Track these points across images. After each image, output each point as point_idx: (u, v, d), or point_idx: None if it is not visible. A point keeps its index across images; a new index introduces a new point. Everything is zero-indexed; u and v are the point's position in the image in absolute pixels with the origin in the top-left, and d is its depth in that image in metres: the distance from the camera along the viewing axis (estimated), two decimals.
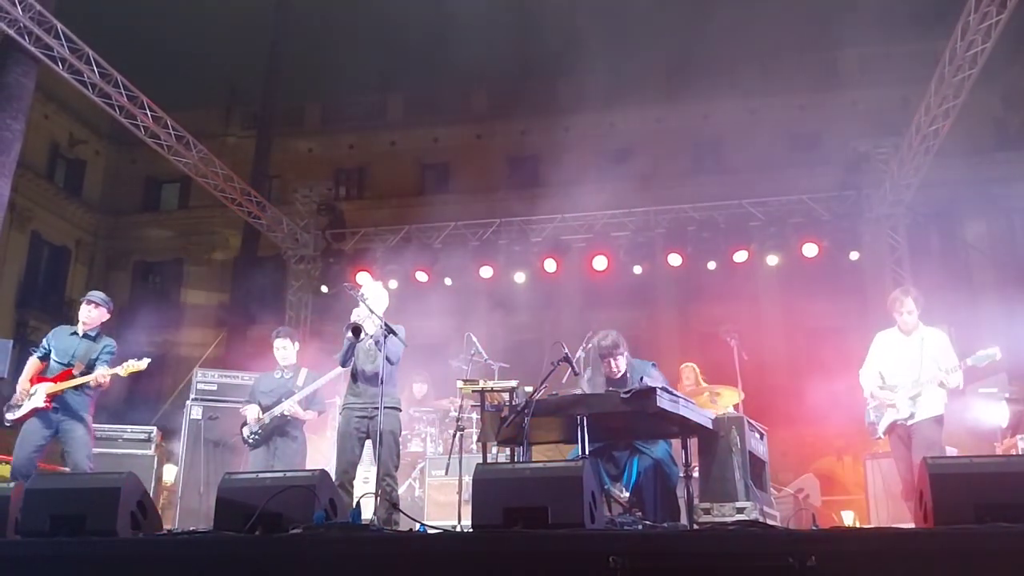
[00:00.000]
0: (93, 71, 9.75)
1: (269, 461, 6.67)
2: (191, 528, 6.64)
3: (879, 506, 7.79)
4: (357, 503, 4.37)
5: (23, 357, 6.66)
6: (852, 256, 11.75)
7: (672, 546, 3.34)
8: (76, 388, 6.22)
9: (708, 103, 21.12)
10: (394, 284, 11.86)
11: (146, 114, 10.54)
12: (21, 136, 11.78)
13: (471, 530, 3.68)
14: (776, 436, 7.24)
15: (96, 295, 6.59)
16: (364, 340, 5.81)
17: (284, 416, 6.74)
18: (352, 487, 5.84)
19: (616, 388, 5.27)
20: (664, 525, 4.72)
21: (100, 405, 6.60)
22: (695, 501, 5.11)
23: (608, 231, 12.37)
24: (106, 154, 24.73)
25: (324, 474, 4.13)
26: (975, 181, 18.50)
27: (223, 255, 23.14)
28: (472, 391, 6.10)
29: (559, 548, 3.26)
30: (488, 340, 7.93)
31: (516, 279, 12.34)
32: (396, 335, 5.75)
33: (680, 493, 5.31)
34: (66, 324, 6.68)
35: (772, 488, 6.44)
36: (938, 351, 5.88)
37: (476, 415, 7.30)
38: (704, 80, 20.81)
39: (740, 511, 4.86)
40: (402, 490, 7.84)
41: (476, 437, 6.63)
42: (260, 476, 4.26)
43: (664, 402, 4.52)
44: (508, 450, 5.67)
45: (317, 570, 3.43)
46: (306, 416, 6.87)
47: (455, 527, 5.83)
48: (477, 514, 3.61)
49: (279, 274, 16.30)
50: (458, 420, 6.98)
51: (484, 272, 12.29)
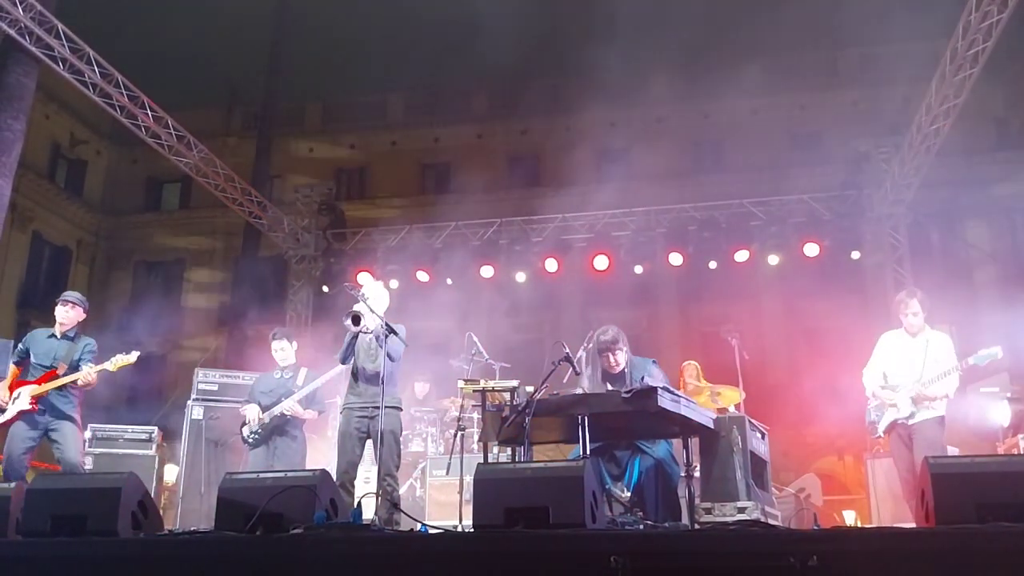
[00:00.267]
0: (94, 71, 9.75)
1: (269, 461, 6.66)
2: (192, 528, 6.64)
3: (881, 506, 7.80)
4: (358, 503, 4.38)
5: None
6: (853, 255, 11.77)
7: (673, 546, 3.33)
8: (60, 389, 6.17)
9: (709, 102, 21.12)
10: (395, 284, 11.87)
11: (147, 114, 10.53)
12: (22, 136, 11.81)
13: (472, 530, 3.68)
14: (777, 436, 7.25)
15: (72, 295, 6.55)
16: (364, 334, 5.82)
17: (284, 416, 6.73)
18: (353, 487, 5.85)
19: (616, 386, 5.27)
20: (665, 525, 4.71)
21: (100, 405, 6.60)
22: (696, 501, 5.10)
23: (609, 231, 12.36)
24: (107, 154, 24.71)
25: (325, 474, 4.12)
26: (976, 180, 18.50)
27: (224, 255, 23.12)
28: (473, 391, 6.11)
29: (560, 548, 3.26)
30: (489, 340, 7.93)
31: (517, 279, 12.34)
32: (396, 335, 5.75)
33: (681, 493, 5.30)
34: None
35: (773, 488, 6.44)
36: (940, 354, 5.88)
37: (477, 415, 7.29)
38: (705, 79, 20.83)
39: (741, 511, 4.85)
40: (403, 490, 7.85)
41: (477, 437, 6.63)
42: (261, 476, 4.25)
43: (665, 402, 4.52)
44: (509, 450, 5.66)
45: (318, 570, 3.43)
46: (306, 415, 6.87)
47: (456, 527, 5.84)
48: (478, 514, 3.61)
49: (280, 274, 16.29)
50: (459, 420, 6.99)
51: (485, 272, 12.29)
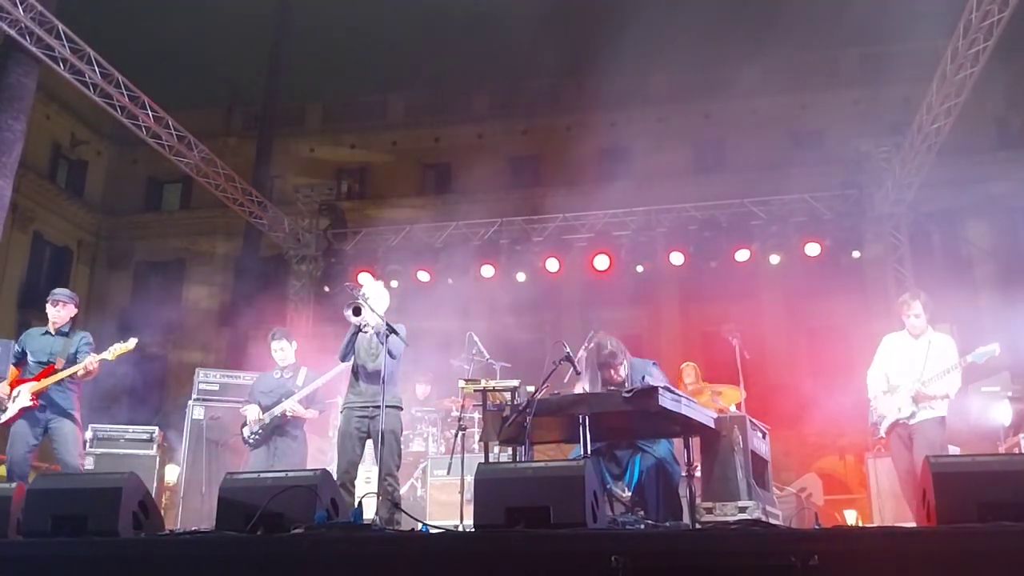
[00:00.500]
0: (94, 71, 9.75)
1: (270, 461, 6.67)
2: (193, 528, 6.64)
3: (882, 505, 7.79)
4: (359, 503, 4.38)
5: None
6: (854, 255, 11.74)
7: (674, 545, 3.33)
8: (59, 384, 6.22)
9: (710, 102, 21.11)
10: (395, 284, 11.87)
11: (147, 114, 10.54)
12: (22, 136, 11.80)
13: (473, 530, 3.68)
14: (778, 435, 7.25)
15: (60, 293, 6.58)
16: (364, 332, 5.82)
17: (284, 416, 6.73)
18: (354, 487, 5.85)
19: (617, 388, 5.26)
20: (666, 524, 4.71)
21: (101, 406, 6.61)
22: (697, 500, 5.09)
23: (610, 230, 12.36)
24: (108, 154, 24.70)
25: (326, 474, 4.12)
26: (977, 180, 18.49)
27: (224, 255, 23.11)
28: (474, 390, 6.12)
29: (561, 548, 3.25)
30: (490, 340, 7.94)
31: (518, 279, 12.33)
32: (397, 334, 5.76)
33: (682, 492, 5.29)
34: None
35: (774, 487, 6.43)
36: (943, 355, 5.88)
37: (478, 415, 7.30)
38: (706, 79, 20.83)
39: (742, 510, 4.84)
40: (404, 490, 7.84)
41: (478, 437, 6.64)
42: (262, 476, 4.25)
43: (666, 401, 4.51)
44: (510, 450, 5.66)
45: (319, 570, 3.43)
46: (307, 415, 6.87)
47: (457, 527, 5.83)
48: (479, 514, 3.61)
49: (281, 274, 16.27)
50: (460, 420, 6.98)
51: (486, 272, 12.27)
